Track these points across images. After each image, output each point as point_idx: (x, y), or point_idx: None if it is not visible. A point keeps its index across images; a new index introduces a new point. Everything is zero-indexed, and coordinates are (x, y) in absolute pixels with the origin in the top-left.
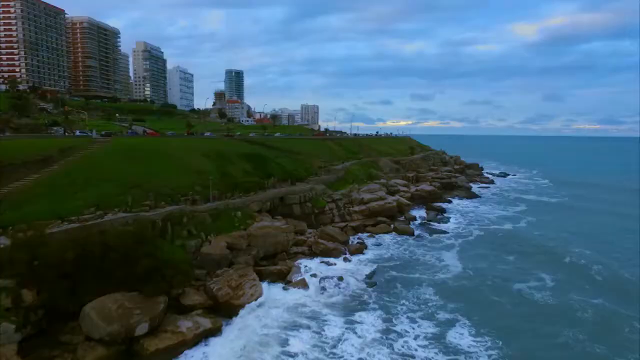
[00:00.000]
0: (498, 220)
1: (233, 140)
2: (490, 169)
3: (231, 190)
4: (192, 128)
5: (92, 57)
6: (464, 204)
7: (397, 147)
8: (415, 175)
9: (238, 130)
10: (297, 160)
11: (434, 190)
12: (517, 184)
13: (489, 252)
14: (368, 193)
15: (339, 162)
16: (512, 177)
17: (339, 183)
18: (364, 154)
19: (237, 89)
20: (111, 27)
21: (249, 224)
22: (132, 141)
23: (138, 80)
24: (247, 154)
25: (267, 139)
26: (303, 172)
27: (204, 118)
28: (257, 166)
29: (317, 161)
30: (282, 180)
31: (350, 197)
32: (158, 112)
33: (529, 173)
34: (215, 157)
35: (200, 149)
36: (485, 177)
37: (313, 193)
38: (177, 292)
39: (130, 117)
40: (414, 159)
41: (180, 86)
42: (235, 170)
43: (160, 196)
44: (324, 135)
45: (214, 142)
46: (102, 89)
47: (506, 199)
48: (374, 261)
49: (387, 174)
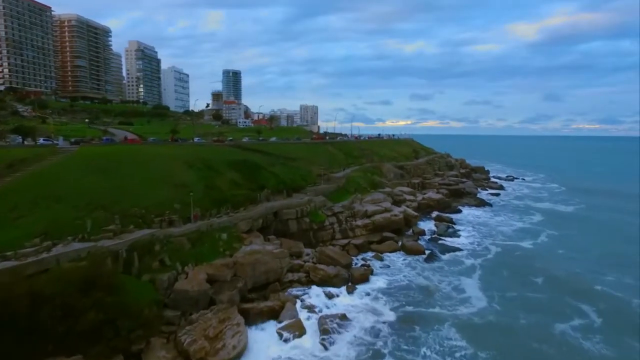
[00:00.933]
0: (515, 234)
1: (223, 146)
2: (496, 171)
3: (217, 207)
4: (177, 134)
5: (81, 56)
6: (475, 213)
7: (400, 150)
8: (421, 182)
9: (231, 135)
10: (294, 167)
11: (442, 198)
12: (527, 189)
13: (513, 278)
14: (372, 204)
15: (340, 168)
16: (520, 181)
17: (339, 193)
18: (366, 158)
19: (235, 89)
20: (101, 25)
21: (235, 248)
22: (105, 150)
23: (131, 80)
24: (237, 162)
25: (261, 145)
26: (300, 181)
27: (197, 121)
28: (248, 176)
29: (315, 168)
30: (276, 191)
31: (353, 210)
32: (149, 114)
33: (536, 177)
34: (200, 166)
35: (183, 158)
36: (493, 182)
37: (311, 206)
38: (139, 346)
39: (116, 120)
40: (418, 163)
41: (175, 87)
42: (222, 182)
43: (129, 218)
44: (323, 138)
45: (201, 149)
46: (92, 90)
47: (519, 208)
48: (384, 292)
49: (391, 181)
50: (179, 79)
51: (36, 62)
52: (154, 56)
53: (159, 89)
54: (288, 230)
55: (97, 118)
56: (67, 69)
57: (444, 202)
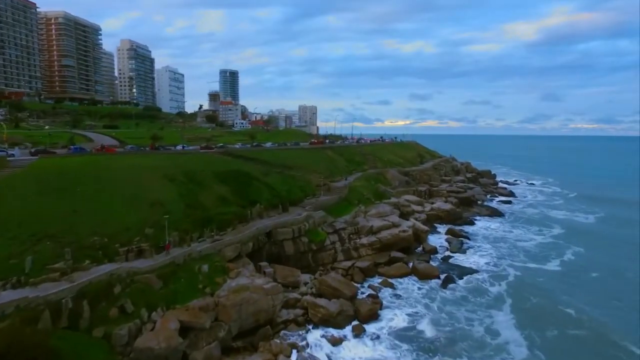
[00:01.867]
0: (537, 251)
1: (212, 154)
2: (502, 174)
3: (199, 229)
4: (159, 140)
5: (69, 55)
6: (489, 226)
7: (404, 154)
8: (428, 189)
9: (223, 139)
10: (291, 177)
11: (453, 209)
12: (538, 196)
13: (549, 311)
14: (377, 218)
15: (341, 176)
16: (529, 186)
17: (341, 205)
18: (369, 164)
19: (232, 89)
20: (91, 23)
21: (218, 283)
22: (69, 162)
23: (123, 81)
24: (226, 173)
25: (255, 151)
26: (298, 192)
27: (189, 123)
28: (238, 190)
29: (315, 177)
30: (270, 206)
31: (356, 225)
32: (140, 116)
33: (544, 181)
34: (182, 180)
35: (163, 169)
36: (502, 188)
37: (310, 223)
38: None
39: (102, 122)
40: (424, 169)
41: (170, 87)
42: (208, 198)
43: (85, 251)
44: (322, 142)
45: (186, 158)
46: (80, 90)
47: (535, 218)
48: (399, 335)
49: (396, 189)
50: (174, 79)
51: (20, 61)
52: (147, 55)
53: (153, 90)
54: (283, 253)
55: (78, 121)
56: (54, 68)
57: (455, 213)
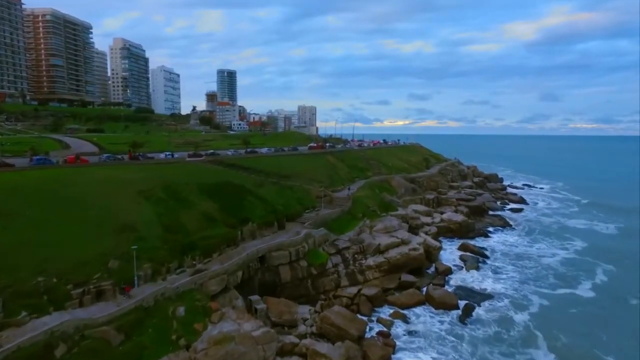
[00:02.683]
0: (564, 270)
1: (200, 163)
2: (508, 177)
3: (179, 257)
4: (139, 148)
5: (58, 54)
6: (506, 239)
7: (409, 158)
8: (436, 198)
9: (216, 144)
10: (288, 188)
11: (465, 220)
12: (550, 202)
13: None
14: (384, 234)
15: (343, 185)
16: (539, 191)
17: (344, 220)
18: (373, 170)
19: (230, 90)
20: (81, 21)
21: (197, 331)
22: (25, 178)
23: (116, 81)
24: (215, 186)
25: (249, 159)
26: (296, 205)
27: (181, 126)
28: (227, 206)
29: (315, 187)
30: (264, 224)
31: (362, 243)
32: (130, 118)
33: (553, 185)
34: (162, 196)
35: (140, 184)
36: (512, 194)
37: (310, 243)
38: None
39: (87, 125)
40: (431, 175)
41: (165, 87)
42: (191, 217)
43: (23, 298)
44: (322, 147)
45: (169, 168)
46: (70, 91)
47: (553, 229)
48: None
49: (402, 197)
50: (169, 79)
51: (4, 60)
52: (141, 55)
53: (147, 90)
54: (278, 281)
55: (58, 125)
56: (42, 68)
57: (467, 225)
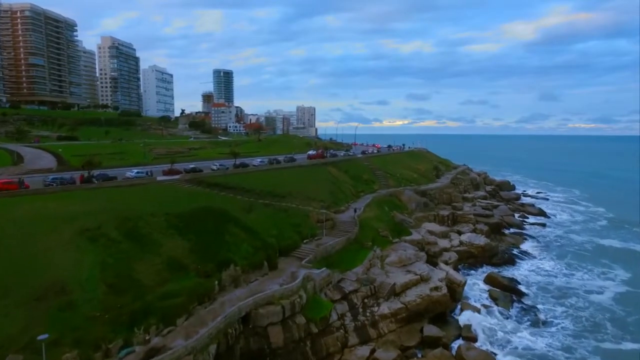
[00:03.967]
0: (621, 310)
1: (174, 183)
2: (519, 184)
3: (125, 331)
4: (95, 167)
5: (38, 53)
6: (538, 265)
7: (417, 166)
8: (452, 214)
9: (202, 154)
10: (282, 211)
11: (488, 243)
12: (573, 215)
13: None
14: (399, 268)
15: (347, 203)
16: (556, 200)
17: (351, 250)
18: (379, 182)
19: (227, 90)
20: (64, 18)
21: None
22: None
23: (104, 82)
24: (189, 215)
25: (237, 175)
26: (291, 234)
27: (168, 131)
28: (202, 244)
29: (315, 207)
30: (251, 266)
31: (373, 283)
32: (112, 122)
33: (569, 193)
34: (112, 236)
35: (85, 219)
36: (529, 205)
37: (309, 288)
38: None
39: (61, 131)
40: (443, 187)
41: (157, 88)
42: (149, 266)
43: None
44: (322, 156)
45: (132, 193)
46: (52, 93)
47: (588, 251)
48: None
49: (413, 214)
50: (162, 79)
51: None
52: (131, 54)
53: (138, 91)
54: (268, 347)
55: (22, 132)
56: (21, 68)
57: (490, 249)
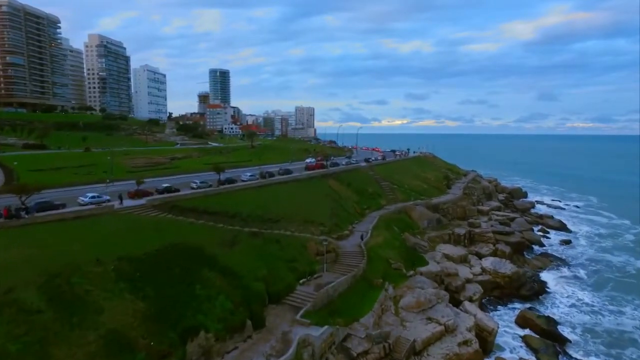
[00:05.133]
0: None
1: (140, 209)
2: (530, 190)
3: None
4: (29, 193)
5: (17, 52)
6: (575, 297)
7: (425, 175)
8: (469, 232)
9: (185, 165)
10: (274, 242)
11: (516, 272)
12: (598, 228)
13: None
14: (417, 314)
15: (351, 224)
16: (575, 210)
17: (357, 291)
18: (386, 195)
19: (223, 91)
20: (46, 14)
21: None
22: None
23: (91, 82)
24: (148, 260)
25: (220, 195)
26: (285, 274)
27: (153, 137)
28: (163, 301)
29: (313, 232)
30: (228, 329)
31: (387, 340)
32: (93, 127)
33: (586, 200)
34: (27, 303)
35: None
36: (547, 217)
37: (306, 356)
38: None
39: (30, 138)
40: (456, 199)
41: (149, 89)
42: (77, 345)
43: None
44: (322, 166)
45: (75, 230)
46: (33, 94)
47: (628, 277)
48: None
49: (425, 233)
50: (154, 79)
51: None
52: (120, 53)
53: (128, 92)
54: None
55: None
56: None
57: (518, 278)
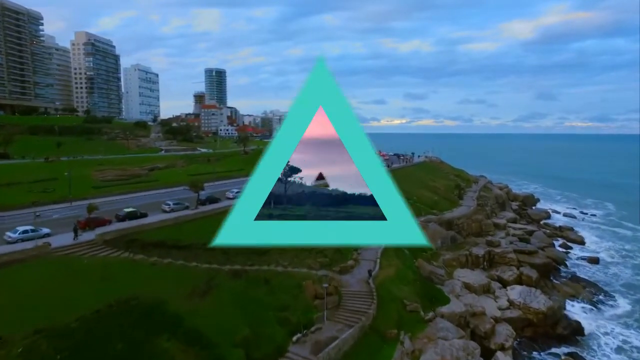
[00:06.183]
0: None
1: (83, 248)
2: (541, 195)
3: None
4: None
5: None
6: (620, 339)
7: (434, 184)
8: (488, 253)
9: (164, 178)
10: (261, 282)
11: (551, 307)
12: (622, 243)
13: None
14: None
15: (356, 249)
16: (593, 219)
17: (367, 347)
18: None
19: (219, 91)
20: (26, 9)
21: None
22: None
23: (78, 82)
24: (82, 327)
25: (196, 222)
26: (274, 329)
27: (137, 141)
28: None
29: (310, 264)
30: None
31: None
32: (71, 131)
33: (603, 209)
34: None
35: None
36: (568, 230)
37: None
38: None
39: None
40: (471, 214)
41: (140, 89)
42: None
43: None
44: None
45: None
46: (12, 95)
47: None
48: None
49: (440, 255)
50: (146, 79)
51: None
52: (109, 51)
53: (118, 93)
54: None
55: None
56: None
57: (553, 313)
